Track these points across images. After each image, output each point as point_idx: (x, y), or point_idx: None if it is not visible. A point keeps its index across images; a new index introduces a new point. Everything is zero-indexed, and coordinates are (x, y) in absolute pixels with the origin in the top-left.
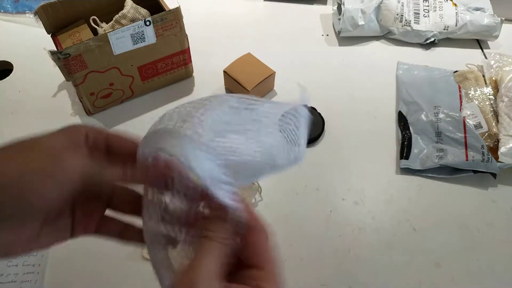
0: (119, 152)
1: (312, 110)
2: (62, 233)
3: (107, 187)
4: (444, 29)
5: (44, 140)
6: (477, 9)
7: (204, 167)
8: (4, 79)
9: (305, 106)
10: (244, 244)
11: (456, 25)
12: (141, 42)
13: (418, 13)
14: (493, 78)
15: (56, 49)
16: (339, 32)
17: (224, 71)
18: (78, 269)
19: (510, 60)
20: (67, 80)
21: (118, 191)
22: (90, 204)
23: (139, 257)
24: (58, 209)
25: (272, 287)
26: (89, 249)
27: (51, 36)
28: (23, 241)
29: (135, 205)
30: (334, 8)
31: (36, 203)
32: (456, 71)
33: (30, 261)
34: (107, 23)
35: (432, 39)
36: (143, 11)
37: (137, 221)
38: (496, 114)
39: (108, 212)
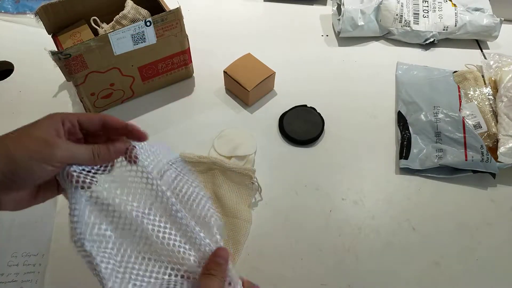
0: (89, 129)
1: (312, 110)
2: (52, 191)
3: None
4: (444, 30)
5: (36, 130)
6: (477, 9)
7: None
8: (5, 79)
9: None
10: None
11: (455, 25)
12: (142, 42)
13: (418, 14)
14: (493, 78)
15: (56, 50)
16: (339, 33)
17: (224, 71)
18: (78, 269)
19: (509, 60)
20: (67, 80)
21: None
22: None
23: None
24: (50, 178)
25: None
26: None
27: (51, 37)
28: (26, 199)
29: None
30: (333, 8)
31: (40, 175)
32: (456, 71)
33: (31, 261)
34: (107, 24)
35: (432, 40)
36: (144, 11)
37: None
38: (495, 114)
39: None
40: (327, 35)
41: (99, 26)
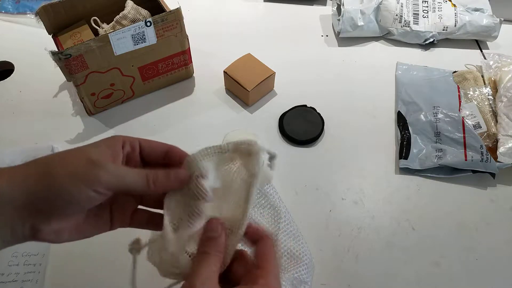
0: (150, 156)
1: (312, 110)
2: (102, 225)
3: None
4: (443, 30)
5: (89, 150)
6: (476, 9)
7: None
8: (5, 80)
9: None
10: (255, 250)
11: (455, 25)
12: (142, 42)
13: (417, 14)
14: (492, 79)
15: (57, 50)
16: (339, 33)
17: (224, 72)
18: (78, 269)
19: (509, 60)
20: (68, 80)
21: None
22: (125, 203)
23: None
24: (97, 206)
25: (268, 281)
26: (89, 249)
27: (52, 37)
28: (68, 230)
29: (160, 203)
30: (333, 8)
31: (80, 200)
32: (455, 72)
33: (31, 261)
34: (108, 24)
35: (431, 40)
36: (144, 11)
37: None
38: (495, 114)
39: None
40: (327, 35)
41: (99, 26)
